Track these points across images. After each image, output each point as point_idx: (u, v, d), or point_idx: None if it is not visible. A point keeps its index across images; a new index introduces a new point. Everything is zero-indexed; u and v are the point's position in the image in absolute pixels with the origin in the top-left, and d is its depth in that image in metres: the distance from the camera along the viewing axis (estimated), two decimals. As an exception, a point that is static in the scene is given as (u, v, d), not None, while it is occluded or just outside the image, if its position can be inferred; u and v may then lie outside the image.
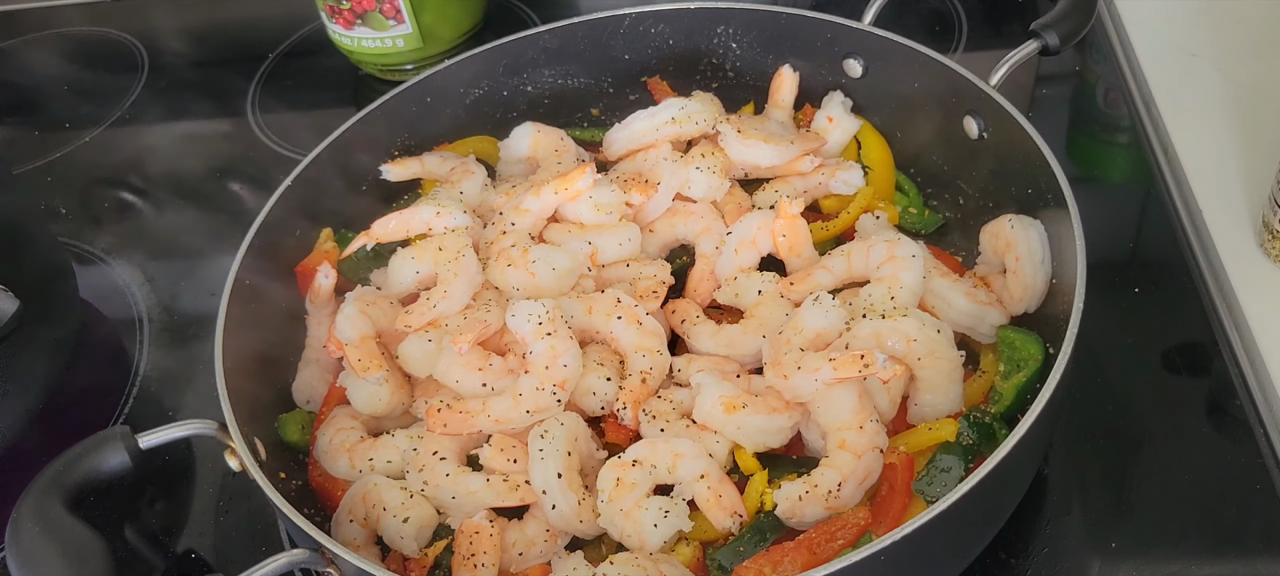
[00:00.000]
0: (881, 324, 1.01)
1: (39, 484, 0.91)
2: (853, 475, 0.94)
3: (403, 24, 1.59)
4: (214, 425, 0.99)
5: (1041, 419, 0.87)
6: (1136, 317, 1.19)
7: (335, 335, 1.12)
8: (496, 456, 1.01)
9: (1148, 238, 1.29)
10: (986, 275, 1.11)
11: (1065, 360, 0.90)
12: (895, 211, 1.21)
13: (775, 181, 1.23)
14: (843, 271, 1.11)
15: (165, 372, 1.33)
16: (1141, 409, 1.11)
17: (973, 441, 0.97)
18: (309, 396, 1.15)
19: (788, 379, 0.99)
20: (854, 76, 1.30)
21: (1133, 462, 1.07)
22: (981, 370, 1.06)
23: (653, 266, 1.15)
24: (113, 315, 1.42)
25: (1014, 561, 1.02)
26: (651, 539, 0.94)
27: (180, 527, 1.16)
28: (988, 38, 1.58)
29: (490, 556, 0.96)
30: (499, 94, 1.39)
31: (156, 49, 1.88)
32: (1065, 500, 1.05)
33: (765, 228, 1.14)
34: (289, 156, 1.60)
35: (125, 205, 1.61)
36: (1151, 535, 1.01)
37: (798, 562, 0.91)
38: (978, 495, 0.83)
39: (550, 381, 1.02)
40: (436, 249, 1.14)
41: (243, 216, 1.41)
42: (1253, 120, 1.33)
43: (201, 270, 1.46)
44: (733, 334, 1.09)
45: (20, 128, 1.80)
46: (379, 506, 1.01)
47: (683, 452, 0.98)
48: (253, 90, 1.74)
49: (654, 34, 1.38)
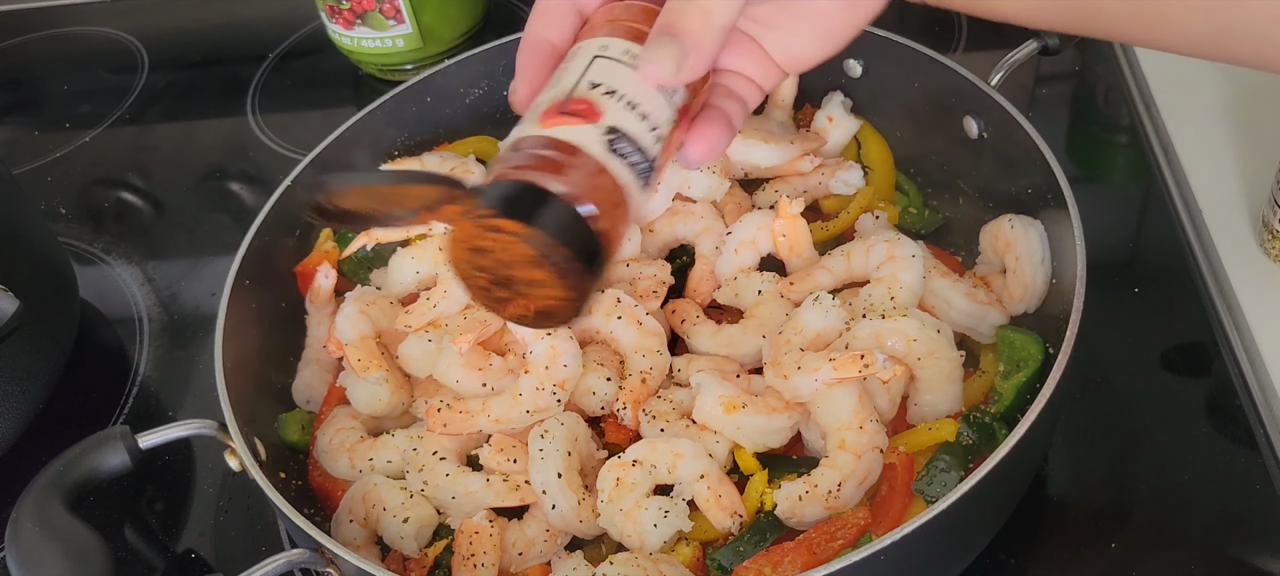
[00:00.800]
0: (881, 324, 1.01)
1: (39, 484, 0.91)
2: (853, 475, 0.94)
3: (403, 24, 1.59)
4: (214, 425, 0.99)
5: (1041, 419, 0.87)
6: (1136, 317, 1.19)
7: (335, 335, 1.12)
8: (496, 456, 1.01)
9: (1148, 237, 1.29)
10: (986, 275, 1.11)
11: (1065, 360, 0.90)
12: (895, 211, 1.21)
13: (775, 181, 1.23)
14: (843, 271, 1.11)
15: (165, 372, 1.33)
16: (1141, 409, 1.11)
17: (973, 441, 0.97)
18: (309, 396, 1.15)
19: (788, 379, 0.99)
20: (854, 76, 1.30)
21: (1133, 463, 1.07)
22: (981, 370, 1.06)
23: (653, 266, 1.15)
24: (113, 315, 1.42)
25: (1014, 561, 1.02)
26: (651, 539, 0.94)
27: (180, 527, 1.16)
28: (988, 38, 1.58)
29: (490, 556, 0.96)
30: (499, 94, 1.39)
31: (156, 49, 1.88)
32: (1065, 500, 1.05)
33: (765, 227, 1.14)
34: (289, 156, 1.60)
35: (125, 205, 1.61)
36: (1151, 535, 1.01)
37: (798, 562, 0.90)
38: (978, 495, 0.83)
39: (550, 381, 1.02)
40: (436, 249, 1.14)
41: (243, 216, 1.41)
42: (1253, 120, 1.33)
43: (201, 270, 1.46)
44: (733, 334, 1.09)
45: (20, 128, 1.80)
46: (379, 506, 1.01)
47: (683, 452, 0.98)
48: (253, 90, 1.74)
49: (654, 34, 1.37)
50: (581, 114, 0.75)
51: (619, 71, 0.77)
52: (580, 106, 0.75)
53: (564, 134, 0.74)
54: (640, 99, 0.76)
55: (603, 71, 0.77)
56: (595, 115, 0.75)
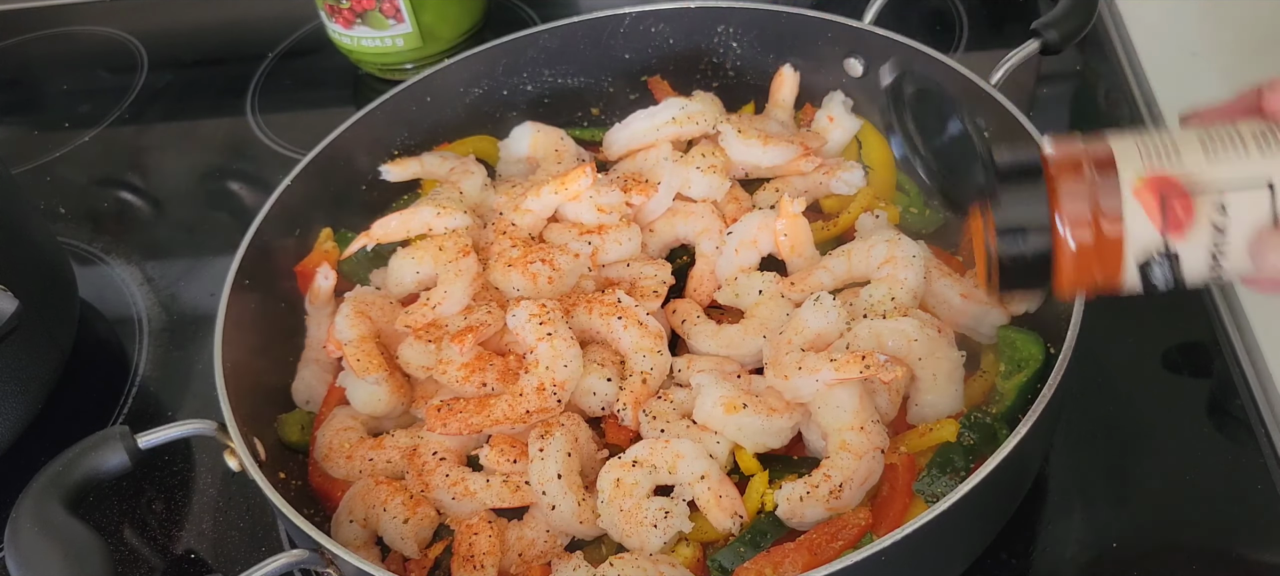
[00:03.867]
0: (882, 324, 1.01)
1: (38, 484, 0.91)
2: (854, 476, 0.94)
3: (402, 23, 1.59)
4: (214, 425, 0.99)
5: (1042, 419, 0.87)
6: (1137, 317, 1.19)
7: (334, 335, 1.12)
8: (496, 456, 1.01)
9: (1149, 237, 1.29)
10: (987, 275, 1.11)
11: (1066, 360, 0.89)
12: (896, 211, 1.21)
13: (776, 181, 1.23)
14: (843, 271, 1.11)
15: (165, 372, 1.33)
16: (1142, 409, 1.11)
17: (973, 442, 0.97)
18: (309, 396, 1.15)
19: (788, 379, 0.99)
20: (854, 76, 1.30)
21: (1133, 462, 1.07)
22: (982, 370, 1.06)
23: (653, 266, 1.15)
24: (112, 315, 1.42)
25: (1015, 561, 1.01)
26: (651, 540, 0.94)
27: (180, 527, 1.16)
28: (988, 37, 1.58)
29: (490, 556, 0.96)
30: (499, 93, 1.39)
31: (156, 49, 1.88)
32: (1066, 500, 1.05)
33: (766, 227, 1.14)
34: (289, 156, 1.59)
35: (125, 205, 1.60)
36: (1152, 535, 1.01)
37: (798, 563, 0.90)
38: (978, 495, 0.83)
39: (550, 382, 1.02)
40: (436, 249, 1.14)
41: (242, 216, 1.41)
42: (1254, 120, 1.33)
43: (201, 270, 1.45)
44: (733, 334, 1.09)
45: (20, 128, 1.80)
46: (379, 506, 1.01)
47: (683, 453, 0.98)
48: (252, 90, 1.74)
49: (654, 33, 1.38)
50: (1174, 222, 0.65)
51: (1254, 206, 0.65)
52: (1181, 211, 0.65)
53: (1130, 217, 0.66)
54: (1231, 242, 0.65)
55: (1246, 202, 0.65)
56: (1180, 227, 0.65)
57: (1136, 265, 0.67)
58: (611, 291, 1.10)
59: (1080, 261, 0.68)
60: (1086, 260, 0.68)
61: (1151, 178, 0.66)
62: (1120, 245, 0.67)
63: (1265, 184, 0.65)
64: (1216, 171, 0.66)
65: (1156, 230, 0.66)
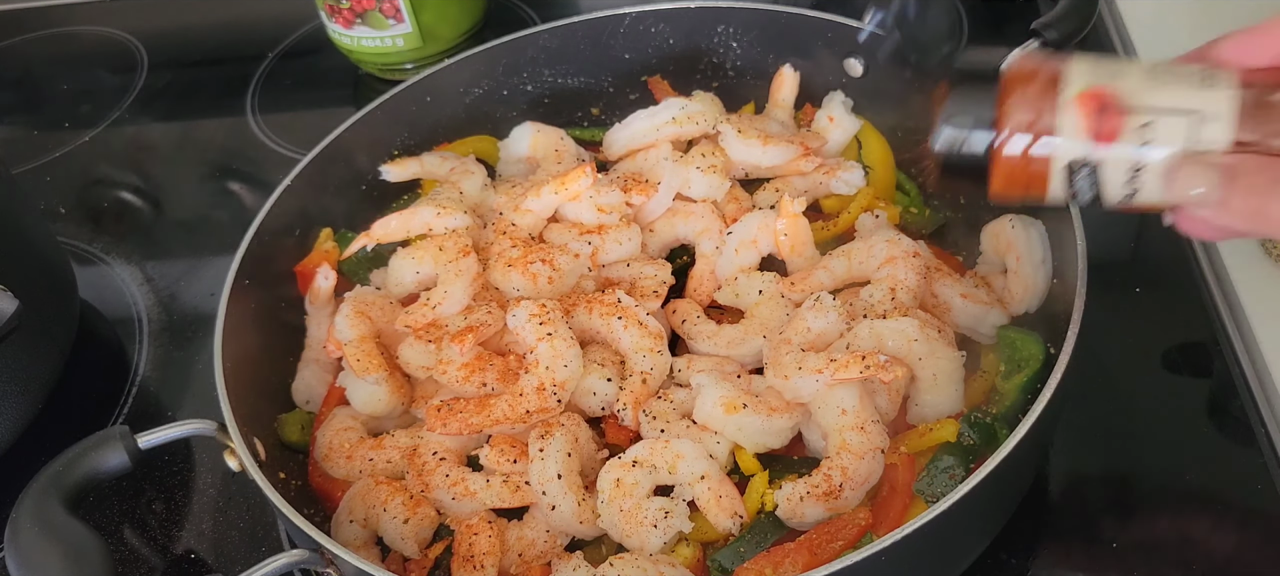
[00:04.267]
0: (882, 324, 1.01)
1: (38, 484, 0.91)
2: (854, 476, 0.94)
3: (402, 23, 1.59)
4: (213, 425, 0.99)
5: (1042, 419, 0.87)
6: (1138, 317, 1.19)
7: (334, 335, 1.12)
8: (496, 456, 1.01)
9: (1149, 237, 1.29)
10: (987, 275, 1.11)
11: (1066, 360, 0.89)
12: (896, 211, 1.21)
13: (775, 181, 1.23)
14: (843, 271, 1.11)
15: (165, 372, 1.33)
16: (1142, 409, 1.11)
17: (974, 442, 0.97)
18: (309, 396, 1.15)
19: (788, 379, 0.99)
20: (854, 76, 1.30)
21: (1133, 463, 1.07)
22: (982, 370, 1.06)
23: (653, 266, 1.15)
24: (112, 315, 1.42)
25: (1015, 561, 1.01)
26: (652, 540, 0.94)
27: (180, 527, 1.16)
28: (988, 37, 1.58)
29: (490, 556, 0.96)
30: (499, 94, 1.39)
31: (156, 48, 1.88)
32: (1066, 500, 1.05)
33: (766, 227, 1.14)
34: (289, 156, 1.59)
35: (125, 205, 1.60)
36: (1152, 535, 1.01)
37: (799, 563, 0.90)
38: (978, 495, 0.83)
39: (550, 382, 1.02)
40: (436, 249, 1.14)
41: (242, 216, 1.41)
42: (1254, 120, 1.33)
43: (201, 270, 1.45)
44: (733, 334, 1.09)
45: (20, 128, 1.80)
46: (379, 507, 1.01)
47: (683, 453, 0.98)
48: (252, 90, 1.74)
49: (654, 33, 1.38)
50: (1103, 132, 0.72)
51: (1176, 131, 0.71)
52: (1111, 126, 0.72)
53: (1064, 122, 0.73)
54: (1149, 159, 0.72)
55: (1170, 126, 0.71)
56: (1108, 138, 0.72)
57: (1063, 169, 0.74)
58: (611, 291, 1.09)
59: (1012, 160, 0.75)
60: (1020, 159, 0.75)
61: (1092, 90, 0.73)
62: (1050, 148, 0.74)
63: (1191, 113, 0.71)
64: (1151, 97, 0.72)
65: (1086, 136, 0.73)
